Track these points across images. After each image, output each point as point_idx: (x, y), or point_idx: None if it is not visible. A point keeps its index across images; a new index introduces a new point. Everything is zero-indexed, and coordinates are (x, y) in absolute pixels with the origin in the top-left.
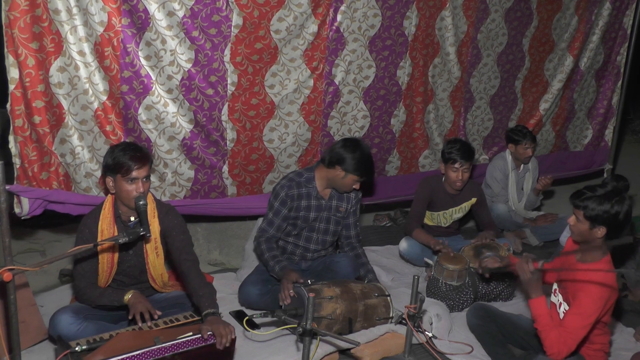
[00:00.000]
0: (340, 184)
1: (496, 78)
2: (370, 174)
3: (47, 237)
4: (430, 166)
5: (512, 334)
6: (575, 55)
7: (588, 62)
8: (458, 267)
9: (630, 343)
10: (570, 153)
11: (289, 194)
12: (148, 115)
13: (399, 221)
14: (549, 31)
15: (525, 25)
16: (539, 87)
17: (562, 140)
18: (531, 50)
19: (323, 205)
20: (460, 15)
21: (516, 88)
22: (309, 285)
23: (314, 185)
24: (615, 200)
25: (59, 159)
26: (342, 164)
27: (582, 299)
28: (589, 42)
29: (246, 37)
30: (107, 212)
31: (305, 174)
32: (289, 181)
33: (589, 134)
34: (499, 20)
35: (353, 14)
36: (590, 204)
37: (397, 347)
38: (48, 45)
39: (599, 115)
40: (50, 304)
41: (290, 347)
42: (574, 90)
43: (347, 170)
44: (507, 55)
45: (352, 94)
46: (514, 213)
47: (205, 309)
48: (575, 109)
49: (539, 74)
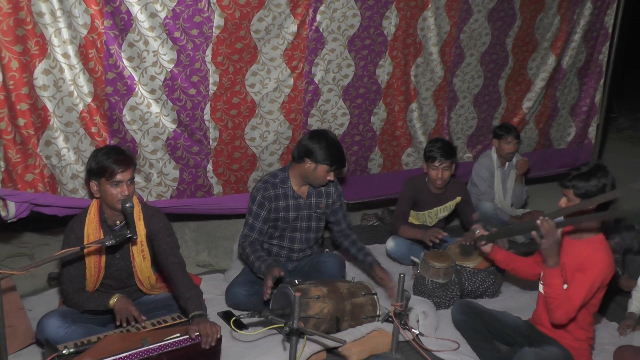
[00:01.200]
0: (313, 177)
1: (480, 77)
2: (341, 162)
3: (36, 240)
4: (414, 164)
5: (498, 330)
6: (558, 54)
7: (570, 60)
8: (444, 264)
9: (614, 337)
10: (554, 151)
11: (265, 196)
12: (132, 116)
13: (386, 220)
14: (532, 31)
15: (508, 25)
16: (522, 85)
17: (545, 138)
18: (514, 50)
19: (302, 204)
20: (443, 16)
21: (500, 87)
22: (296, 285)
23: (289, 185)
24: (600, 174)
25: (44, 160)
26: (310, 155)
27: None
28: (571, 41)
29: (227, 37)
30: (92, 216)
31: (280, 175)
32: (264, 183)
33: (572, 132)
34: (482, 20)
35: (332, 14)
36: (578, 182)
37: (384, 345)
38: (32, 48)
39: (582, 113)
40: (38, 307)
41: (278, 346)
42: (556, 89)
43: (317, 161)
44: (490, 55)
45: (332, 93)
46: (500, 211)
47: (193, 311)
48: (559, 107)
49: (522, 73)
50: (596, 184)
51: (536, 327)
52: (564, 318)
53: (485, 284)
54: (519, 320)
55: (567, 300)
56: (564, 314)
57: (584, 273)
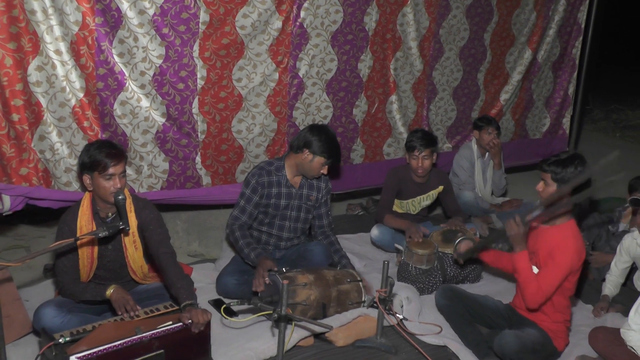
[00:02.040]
0: (308, 168)
1: (459, 71)
2: (337, 156)
3: (32, 233)
4: (395, 154)
5: (479, 313)
6: (534, 48)
7: (545, 54)
8: (427, 251)
9: (589, 319)
10: (529, 140)
11: (259, 182)
12: (123, 111)
13: (370, 210)
14: (509, 26)
15: (486, 20)
16: (500, 79)
17: (521, 128)
18: (492, 45)
19: (293, 194)
20: (422, 12)
21: (479, 80)
22: (284, 273)
23: (284, 173)
24: (577, 161)
25: (38, 155)
26: (309, 147)
27: (557, 256)
28: (546, 36)
29: (213, 33)
30: (85, 209)
31: (276, 163)
32: (260, 169)
33: (547, 122)
34: (460, 16)
35: (316, 10)
36: (556, 167)
37: (370, 329)
38: (26, 45)
39: (556, 105)
40: (35, 298)
41: (267, 332)
42: (532, 82)
43: (315, 153)
44: (469, 50)
45: (316, 86)
46: (480, 199)
47: (184, 301)
48: (534, 99)
49: (500, 67)
50: (573, 170)
51: (516, 310)
52: (534, 303)
53: (466, 270)
54: (500, 303)
55: (537, 285)
56: (534, 298)
57: (554, 259)
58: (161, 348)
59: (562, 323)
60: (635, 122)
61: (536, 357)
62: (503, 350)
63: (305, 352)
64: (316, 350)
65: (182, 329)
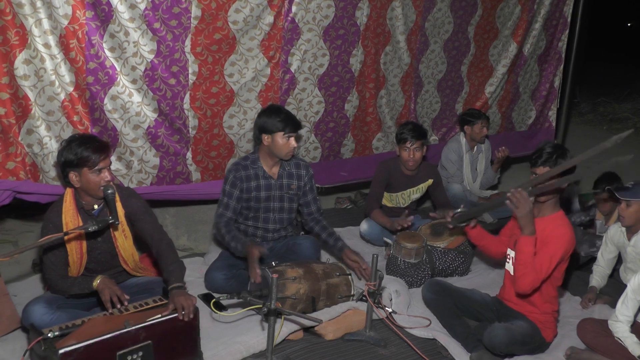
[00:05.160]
0: (278, 150)
1: (443, 64)
2: (291, 122)
3: (19, 227)
4: (384, 148)
5: (467, 307)
6: (519, 41)
7: (531, 48)
8: (416, 245)
9: (577, 311)
10: (515, 133)
11: (237, 176)
12: (114, 105)
13: (359, 203)
14: (493, 19)
15: (470, 14)
16: (484, 71)
17: (507, 121)
18: (476, 38)
19: (272, 185)
20: (410, 6)
21: (462, 73)
22: (273, 267)
23: (260, 165)
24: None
25: (25, 149)
26: (264, 130)
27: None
28: (531, 29)
29: (205, 28)
30: (69, 204)
31: (251, 157)
32: (236, 165)
33: (533, 115)
34: (445, 9)
35: (307, 5)
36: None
37: (359, 323)
38: (12, 38)
39: (542, 97)
40: (23, 293)
41: (256, 326)
42: (518, 74)
43: (271, 132)
44: (453, 42)
45: (308, 81)
46: (468, 192)
47: (172, 284)
48: (520, 91)
49: (483, 59)
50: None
51: (504, 302)
52: (529, 287)
53: (455, 263)
54: (487, 296)
55: (534, 270)
56: (530, 282)
57: (547, 247)
58: (149, 339)
59: (550, 314)
60: (622, 115)
61: (525, 348)
62: (492, 343)
63: (295, 345)
64: (306, 344)
65: (170, 319)
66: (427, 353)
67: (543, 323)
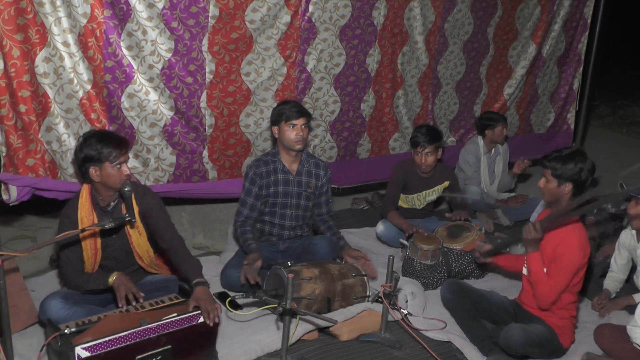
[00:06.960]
0: (287, 142)
1: (462, 65)
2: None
3: (38, 223)
4: (400, 149)
5: (485, 309)
6: (538, 43)
7: (550, 49)
8: (432, 247)
9: (595, 316)
10: (534, 135)
11: (256, 172)
12: (130, 103)
13: (376, 204)
14: (513, 20)
15: (490, 15)
16: (502, 73)
17: (526, 123)
18: (495, 39)
19: (291, 180)
20: (429, 6)
21: (481, 74)
22: (289, 267)
23: (279, 159)
24: (578, 158)
25: (44, 146)
26: (273, 123)
27: (563, 255)
28: (551, 30)
29: (222, 27)
30: (84, 200)
31: (271, 152)
32: (257, 161)
33: (552, 117)
34: (465, 10)
35: (324, 4)
36: (556, 163)
37: (374, 324)
38: (33, 37)
39: (560, 100)
40: (40, 288)
41: (271, 326)
42: (537, 76)
43: (277, 123)
44: (472, 43)
45: (324, 81)
46: (486, 195)
47: (195, 278)
48: (539, 93)
49: (502, 60)
50: (573, 167)
51: (522, 306)
52: (547, 302)
53: (472, 266)
54: (506, 299)
55: (549, 285)
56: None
57: (557, 261)
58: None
59: (568, 319)
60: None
61: (542, 351)
62: (509, 343)
63: (310, 346)
64: (320, 344)
65: (190, 325)
66: (442, 356)
67: (560, 328)
